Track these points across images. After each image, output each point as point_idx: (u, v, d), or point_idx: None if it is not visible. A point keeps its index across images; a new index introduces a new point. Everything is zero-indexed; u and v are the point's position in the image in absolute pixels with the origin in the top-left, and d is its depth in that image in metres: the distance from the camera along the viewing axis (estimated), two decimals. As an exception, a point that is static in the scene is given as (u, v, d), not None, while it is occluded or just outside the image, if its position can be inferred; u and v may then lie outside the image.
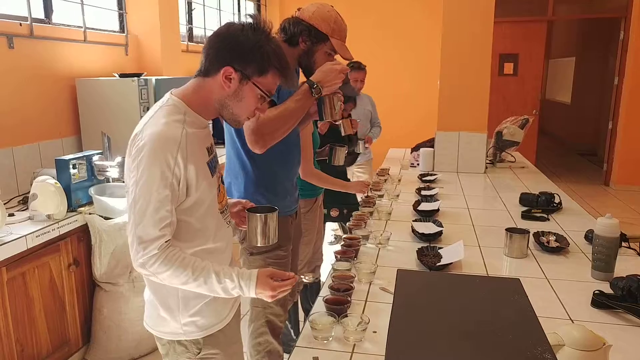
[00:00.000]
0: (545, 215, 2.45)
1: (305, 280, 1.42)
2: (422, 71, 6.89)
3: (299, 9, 1.92)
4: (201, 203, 1.27)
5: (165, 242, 1.18)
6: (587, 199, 6.04)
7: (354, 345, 1.33)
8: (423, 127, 5.17)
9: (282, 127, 1.72)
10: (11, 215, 2.48)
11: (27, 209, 2.51)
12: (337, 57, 1.93)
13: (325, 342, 1.35)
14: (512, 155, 3.92)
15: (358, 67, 3.83)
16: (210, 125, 1.52)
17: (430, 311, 0.84)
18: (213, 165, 1.34)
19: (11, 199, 2.77)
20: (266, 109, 1.35)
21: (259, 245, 1.47)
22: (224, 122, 1.37)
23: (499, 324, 0.79)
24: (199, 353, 1.35)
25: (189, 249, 1.26)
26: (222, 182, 1.43)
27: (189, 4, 5.13)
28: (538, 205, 2.56)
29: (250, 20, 1.28)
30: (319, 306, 1.51)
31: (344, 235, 2.04)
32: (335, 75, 1.75)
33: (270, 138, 1.71)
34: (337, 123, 2.23)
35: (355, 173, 4.17)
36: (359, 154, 3.89)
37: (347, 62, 2.09)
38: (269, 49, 1.25)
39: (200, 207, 1.27)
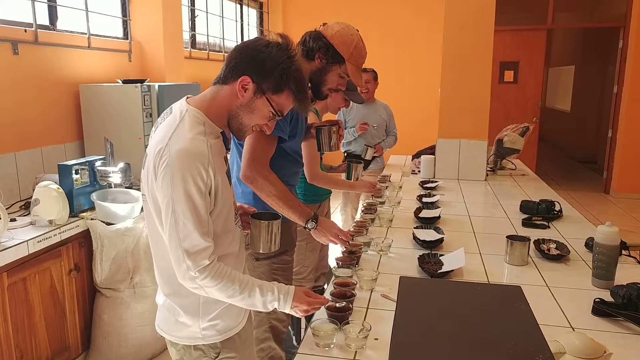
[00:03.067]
0: (546, 223, 2.45)
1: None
2: (422, 78, 6.93)
3: (324, 24, 1.92)
4: (224, 210, 1.30)
5: (213, 252, 1.21)
6: (588, 206, 6.04)
7: (356, 352, 1.33)
8: (424, 135, 5.19)
9: (271, 197, 1.74)
10: (13, 220, 2.48)
11: (29, 214, 2.52)
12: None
13: (326, 349, 1.35)
14: (512, 163, 3.93)
15: (364, 69, 3.73)
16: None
17: (432, 318, 0.84)
18: (229, 175, 1.37)
19: (13, 204, 2.78)
20: (273, 127, 1.36)
21: (261, 252, 1.49)
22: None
23: (501, 331, 0.80)
24: (216, 357, 1.37)
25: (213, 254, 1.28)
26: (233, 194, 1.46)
27: (192, 11, 5.16)
28: (538, 213, 2.57)
29: (279, 39, 1.30)
30: (320, 313, 1.52)
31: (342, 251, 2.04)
32: (329, 236, 1.83)
33: (258, 190, 1.74)
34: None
35: (367, 179, 4.13)
36: (370, 161, 4.02)
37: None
38: (289, 70, 1.27)
39: (222, 215, 1.30)
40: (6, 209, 2.40)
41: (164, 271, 1.33)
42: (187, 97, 1.32)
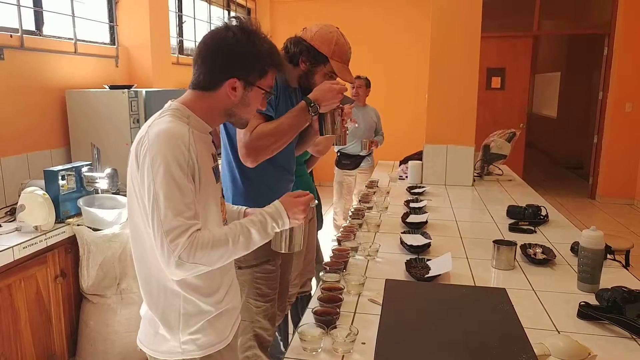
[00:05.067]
0: (532, 228, 2.48)
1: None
2: (409, 85, 6.99)
3: (304, 29, 1.92)
4: (207, 208, 1.26)
5: (197, 230, 1.13)
6: (574, 211, 6.11)
7: (343, 356, 1.33)
8: (411, 140, 5.23)
9: (276, 142, 1.72)
10: (-2, 226, 2.45)
11: (14, 220, 2.49)
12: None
13: (314, 353, 1.35)
14: (499, 169, 3.97)
15: (357, 77, 4.22)
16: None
17: (417, 320, 0.85)
18: (217, 172, 1.33)
19: (-2, 210, 2.74)
20: (266, 105, 1.36)
21: (282, 252, 1.44)
22: (223, 130, 1.39)
23: (485, 332, 0.80)
24: None
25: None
26: (222, 195, 1.41)
27: (180, 17, 5.16)
28: (525, 218, 2.59)
29: (235, 22, 1.25)
30: (307, 318, 1.52)
31: (333, 247, 2.05)
32: (334, 95, 1.77)
33: (263, 153, 1.72)
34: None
35: (358, 176, 4.50)
36: (363, 157, 4.41)
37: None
38: (264, 50, 1.26)
39: (206, 213, 1.25)
40: (-10, 215, 2.37)
41: (145, 279, 1.28)
42: (172, 100, 1.31)
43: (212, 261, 1.16)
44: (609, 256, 2.01)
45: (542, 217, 2.61)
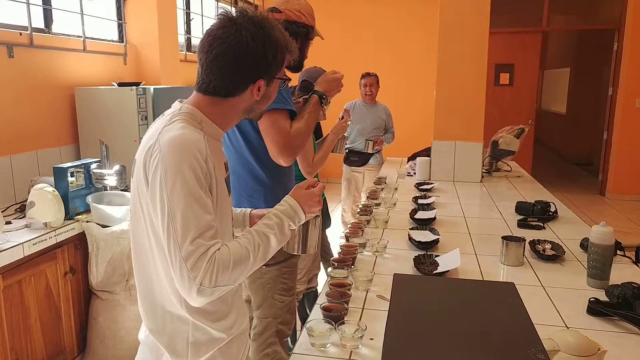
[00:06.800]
0: (541, 224, 2.46)
1: None
2: (417, 81, 6.96)
3: (274, 9, 1.90)
4: (221, 224, 1.13)
5: (217, 250, 1.01)
6: (583, 208, 6.06)
7: (351, 352, 1.33)
8: (419, 137, 5.21)
9: (307, 138, 1.82)
10: (8, 223, 2.48)
11: (24, 216, 2.51)
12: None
13: (322, 349, 1.35)
14: (508, 165, 3.94)
15: (368, 74, 4.40)
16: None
17: (425, 313, 0.84)
18: (229, 184, 1.23)
19: (9, 207, 2.77)
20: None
21: (295, 253, 1.42)
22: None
23: (494, 326, 0.80)
24: None
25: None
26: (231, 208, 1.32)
27: (188, 15, 5.17)
28: (534, 214, 2.58)
29: (238, 15, 1.13)
30: (316, 314, 1.52)
31: (341, 244, 2.05)
32: (338, 84, 1.90)
33: (299, 150, 1.80)
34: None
35: (366, 173, 4.53)
36: (370, 154, 4.41)
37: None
38: (280, 41, 1.16)
39: (221, 229, 1.13)
40: (1, 211, 2.39)
41: (149, 303, 1.16)
42: (182, 100, 1.19)
43: (235, 280, 1.05)
44: (619, 252, 1.99)
45: (551, 213, 2.59)
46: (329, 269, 1.78)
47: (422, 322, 0.85)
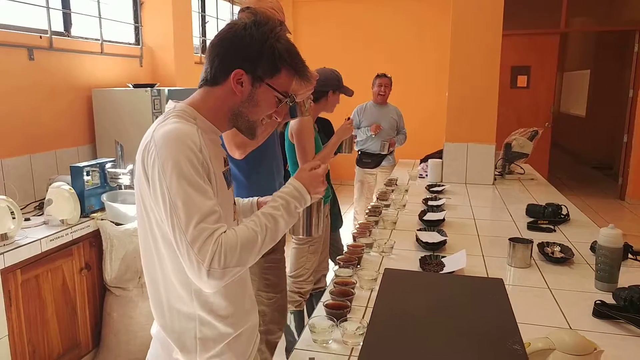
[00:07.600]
0: (552, 227, 2.44)
1: None
2: (430, 82, 6.94)
3: (247, 9, 1.89)
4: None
5: (223, 232, 1.02)
6: (602, 212, 5.97)
7: (352, 348, 1.35)
8: (432, 139, 5.20)
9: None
10: (27, 219, 2.55)
11: (42, 214, 2.59)
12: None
13: (324, 345, 1.37)
14: (521, 167, 3.91)
15: (383, 75, 4.45)
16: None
17: (410, 307, 0.86)
18: (228, 177, 1.22)
19: (28, 204, 2.85)
20: (284, 113, 1.22)
21: (301, 236, 1.44)
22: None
23: (476, 319, 0.81)
24: None
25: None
26: (234, 202, 1.31)
27: (203, 17, 5.24)
28: (545, 217, 2.56)
29: (252, 17, 1.15)
30: (319, 311, 1.54)
31: (348, 244, 2.07)
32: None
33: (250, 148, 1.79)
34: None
35: (379, 175, 4.57)
36: (384, 156, 4.45)
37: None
38: (279, 46, 1.13)
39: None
40: (21, 209, 2.47)
41: (156, 300, 1.18)
42: (175, 101, 1.21)
43: (245, 262, 1.05)
44: (630, 256, 1.97)
45: (562, 215, 2.57)
46: (335, 268, 1.80)
47: (405, 315, 0.87)
